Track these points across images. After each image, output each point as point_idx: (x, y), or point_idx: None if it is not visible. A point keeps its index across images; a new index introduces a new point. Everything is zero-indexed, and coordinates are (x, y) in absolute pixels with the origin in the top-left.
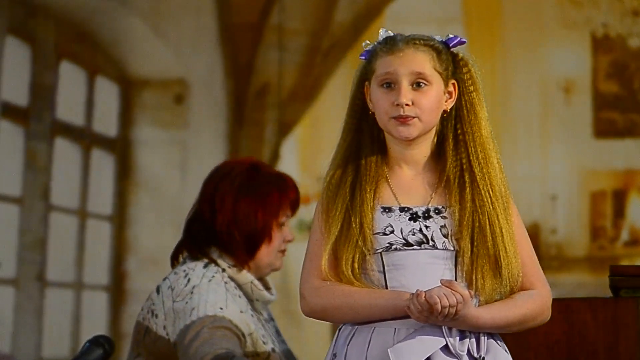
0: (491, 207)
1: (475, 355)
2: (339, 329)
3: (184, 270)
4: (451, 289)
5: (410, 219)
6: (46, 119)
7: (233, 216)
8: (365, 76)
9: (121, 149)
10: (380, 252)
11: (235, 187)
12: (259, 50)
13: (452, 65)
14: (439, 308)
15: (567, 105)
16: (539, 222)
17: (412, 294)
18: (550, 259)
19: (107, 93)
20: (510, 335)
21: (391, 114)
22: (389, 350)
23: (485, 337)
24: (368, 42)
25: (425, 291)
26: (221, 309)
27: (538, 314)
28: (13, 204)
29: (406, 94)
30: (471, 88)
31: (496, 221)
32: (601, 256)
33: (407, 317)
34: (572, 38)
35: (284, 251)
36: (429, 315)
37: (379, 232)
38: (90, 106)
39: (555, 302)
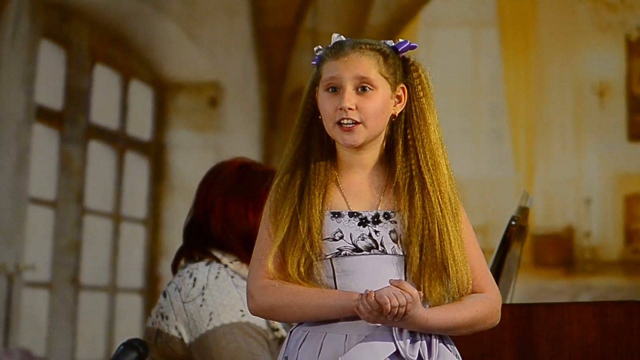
0: (440, 215)
1: (427, 359)
2: (290, 332)
3: (188, 271)
4: (400, 289)
5: (359, 224)
6: (81, 123)
7: (225, 218)
8: (315, 81)
9: (155, 152)
10: (330, 258)
11: (224, 188)
12: (292, 54)
13: (402, 69)
14: (389, 308)
15: (602, 108)
16: (573, 225)
17: (362, 294)
18: (585, 262)
19: (141, 96)
20: (544, 339)
21: (335, 119)
22: (339, 358)
23: (437, 341)
24: (320, 47)
25: (374, 291)
26: (242, 310)
27: (487, 317)
28: (48, 207)
29: (350, 98)
30: (421, 94)
31: (445, 229)
32: (635, 259)
33: (356, 317)
34: (606, 41)
35: None
36: (379, 316)
37: (329, 238)
38: (125, 110)
39: (590, 305)
